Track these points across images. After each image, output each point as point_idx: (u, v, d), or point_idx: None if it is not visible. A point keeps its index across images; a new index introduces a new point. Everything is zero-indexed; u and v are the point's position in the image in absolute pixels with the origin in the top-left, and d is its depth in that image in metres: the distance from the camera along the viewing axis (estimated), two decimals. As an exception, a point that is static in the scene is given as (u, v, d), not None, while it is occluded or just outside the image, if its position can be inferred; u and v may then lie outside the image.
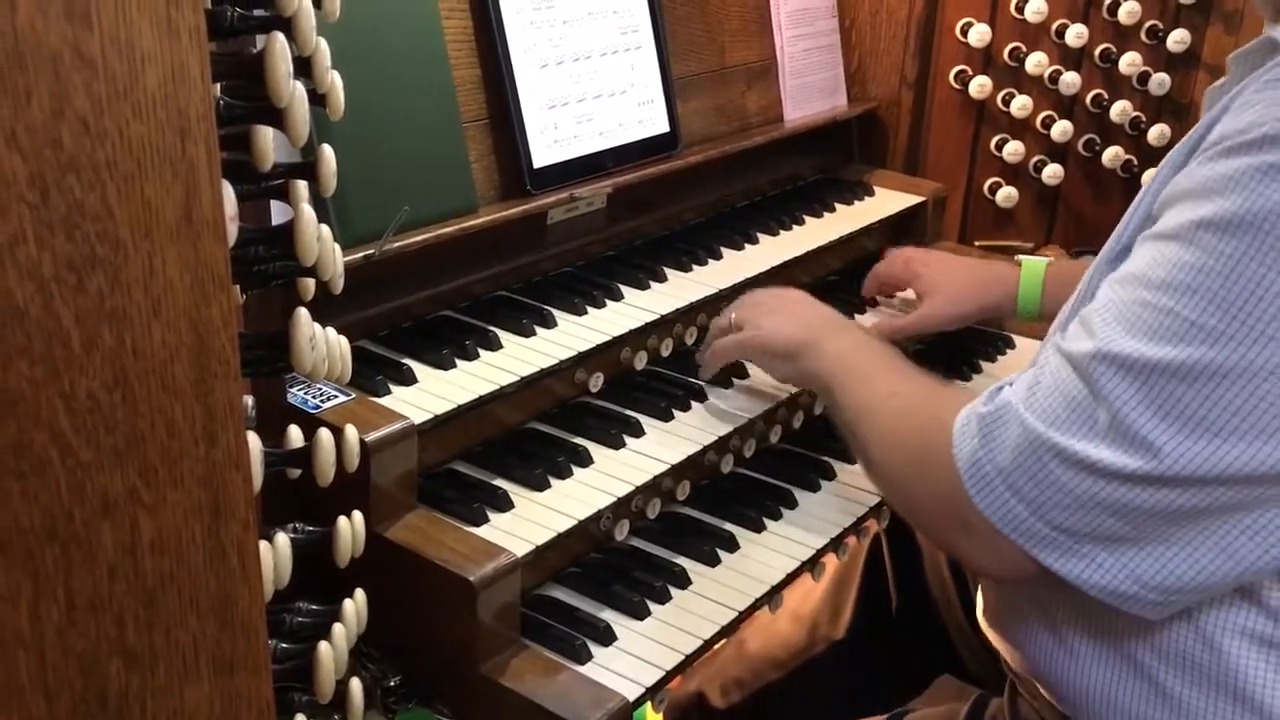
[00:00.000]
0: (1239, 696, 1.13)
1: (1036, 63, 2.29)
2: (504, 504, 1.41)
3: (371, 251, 1.44)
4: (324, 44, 0.96)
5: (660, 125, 1.91)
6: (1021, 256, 1.91)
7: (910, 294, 1.97)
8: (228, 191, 0.79)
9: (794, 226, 2.09)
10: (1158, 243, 1.05)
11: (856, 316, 1.98)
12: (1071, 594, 1.14)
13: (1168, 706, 1.16)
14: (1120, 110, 2.31)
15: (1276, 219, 0.95)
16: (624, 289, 1.74)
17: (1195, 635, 1.13)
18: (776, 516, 1.62)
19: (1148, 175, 2.31)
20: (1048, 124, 2.33)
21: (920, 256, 1.95)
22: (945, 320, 1.86)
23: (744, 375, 1.74)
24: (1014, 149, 2.35)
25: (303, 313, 0.95)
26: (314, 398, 1.35)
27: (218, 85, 0.89)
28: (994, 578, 1.18)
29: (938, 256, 1.97)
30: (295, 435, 1.05)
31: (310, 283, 1.02)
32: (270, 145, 0.92)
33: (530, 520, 1.39)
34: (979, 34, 2.29)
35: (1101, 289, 1.10)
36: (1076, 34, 2.27)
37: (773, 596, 1.51)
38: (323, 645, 0.97)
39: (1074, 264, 1.97)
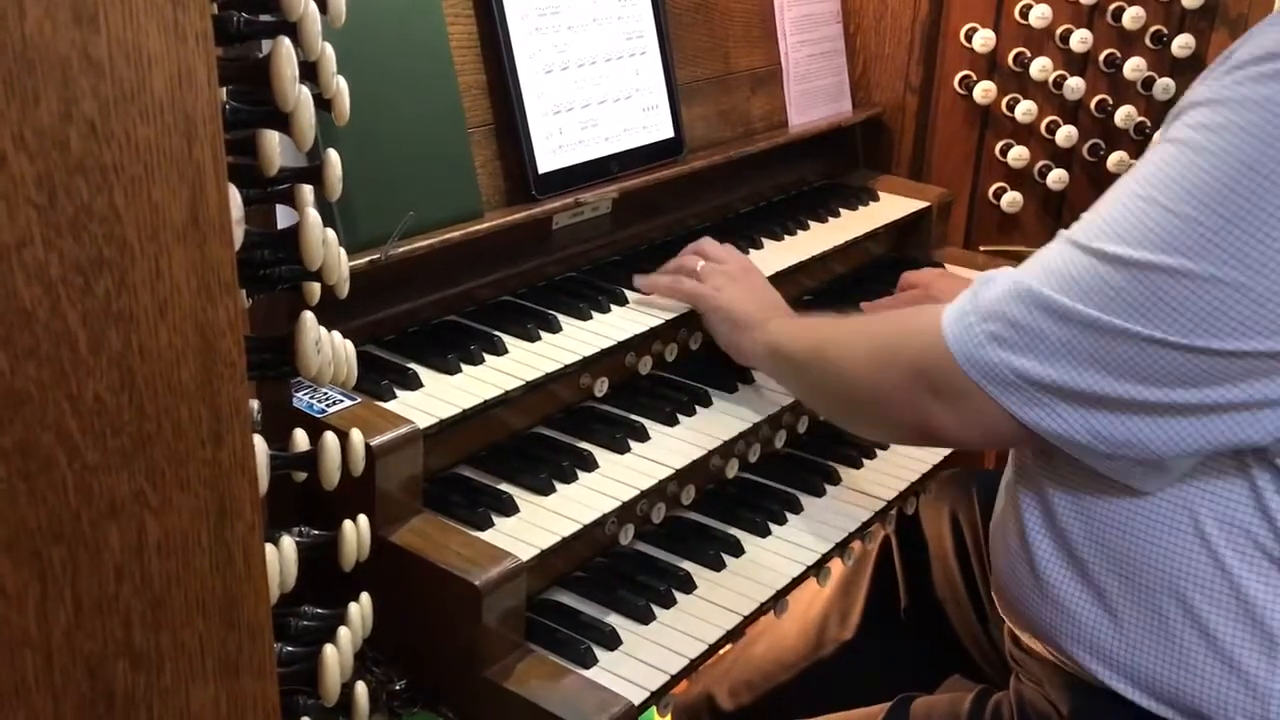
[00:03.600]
0: (1244, 618, 1.17)
1: (1041, 68, 2.29)
2: (509, 508, 1.41)
3: (377, 256, 1.44)
4: (329, 49, 0.97)
5: (665, 130, 1.91)
6: None
7: None
8: (234, 195, 0.80)
9: (799, 231, 2.09)
10: (1159, 147, 1.11)
11: None
12: (1079, 523, 1.24)
13: (1177, 631, 1.21)
14: (1125, 115, 2.31)
15: (1268, 120, 1.01)
16: (629, 294, 1.75)
17: (1203, 552, 1.18)
18: (781, 521, 1.63)
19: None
20: (1052, 129, 2.33)
21: (937, 279, 1.95)
22: None
23: (749, 380, 1.74)
24: (1019, 154, 2.35)
25: (308, 316, 0.95)
26: (319, 402, 1.36)
27: (224, 89, 0.89)
28: (967, 443, 1.27)
29: (954, 279, 1.97)
30: (301, 439, 1.05)
31: (316, 287, 1.02)
32: (276, 150, 0.92)
33: (535, 525, 1.39)
34: (983, 39, 2.29)
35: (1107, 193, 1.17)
36: (1081, 39, 2.27)
37: (778, 601, 1.51)
38: (328, 649, 0.97)
39: None
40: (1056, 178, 2.35)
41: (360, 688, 1.04)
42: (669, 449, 1.56)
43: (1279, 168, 1.00)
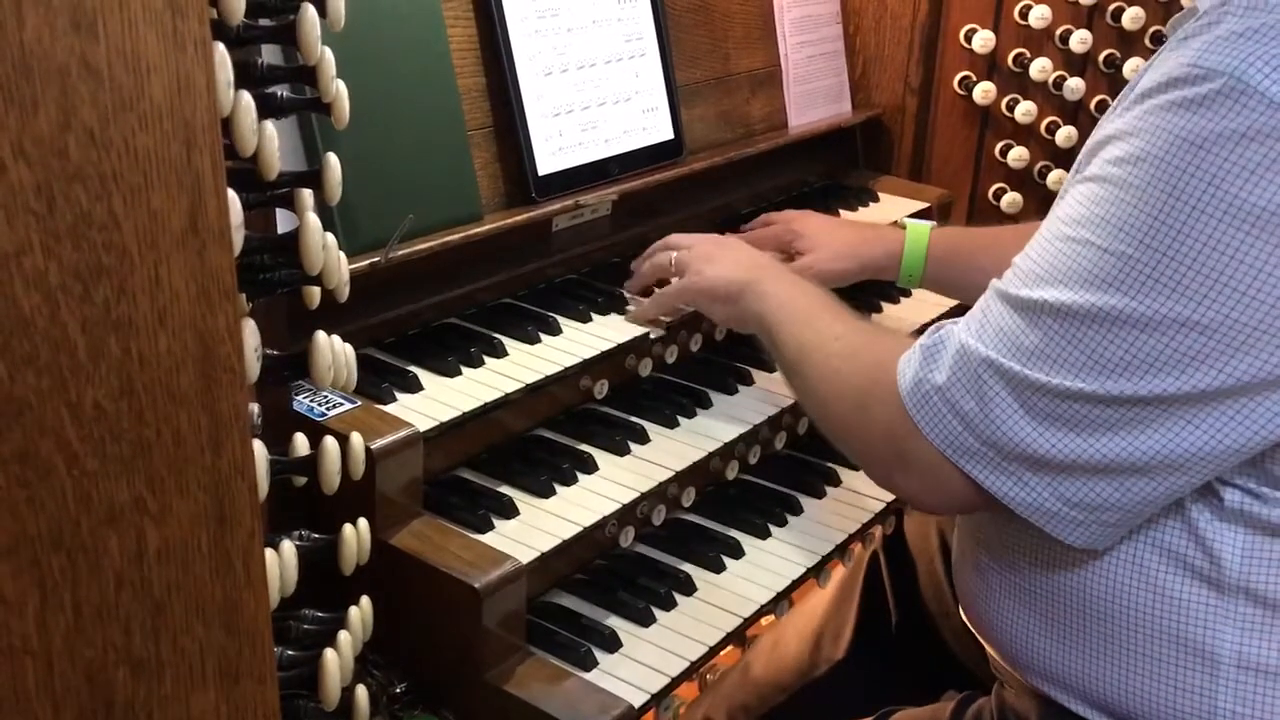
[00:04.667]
0: (1183, 641, 1.17)
1: (1041, 68, 2.29)
2: (509, 511, 1.41)
3: (377, 259, 1.44)
4: (329, 53, 0.97)
5: (665, 132, 1.91)
6: (906, 219, 1.88)
7: None
8: (233, 200, 0.80)
9: (799, 233, 2.08)
10: (1081, 186, 1.10)
11: None
12: (1024, 552, 1.23)
13: (1121, 655, 1.21)
14: (1125, 115, 2.30)
15: (1177, 147, 1.00)
16: (629, 295, 1.74)
17: (1141, 579, 1.18)
18: (782, 523, 1.62)
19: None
20: (1052, 129, 2.33)
21: (800, 217, 1.94)
22: (826, 275, 1.81)
23: (749, 382, 1.74)
24: (1019, 154, 2.35)
25: (321, 338, 0.96)
26: (320, 405, 1.36)
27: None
28: (932, 509, 1.26)
29: (819, 218, 1.96)
30: (301, 443, 1.05)
31: (316, 291, 1.02)
32: (276, 154, 0.92)
33: (536, 527, 1.39)
34: (983, 40, 2.29)
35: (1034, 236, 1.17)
36: (1080, 40, 2.27)
37: (778, 603, 1.51)
38: (329, 652, 0.97)
39: (965, 233, 1.95)
40: (1056, 178, 2.35)
41: (361, 691, 1.04)
42: (669, 451, 1.56)
43: (1200, 194, 0.99)
